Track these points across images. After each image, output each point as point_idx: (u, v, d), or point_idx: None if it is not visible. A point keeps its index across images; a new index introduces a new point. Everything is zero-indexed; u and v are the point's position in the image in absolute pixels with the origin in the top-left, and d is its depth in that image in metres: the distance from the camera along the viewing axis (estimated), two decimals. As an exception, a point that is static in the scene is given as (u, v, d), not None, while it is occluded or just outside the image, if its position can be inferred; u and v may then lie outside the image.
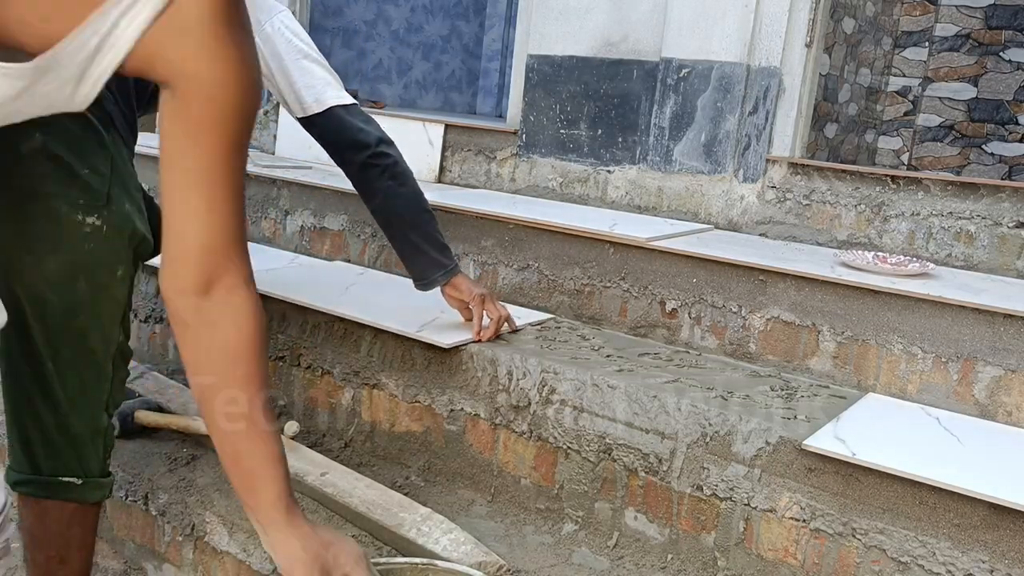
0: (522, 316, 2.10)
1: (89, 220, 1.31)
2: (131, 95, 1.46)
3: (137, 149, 1.54)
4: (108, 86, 1.28)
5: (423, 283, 1.85)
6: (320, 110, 1.73)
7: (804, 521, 1.49)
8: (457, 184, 2.91)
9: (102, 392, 1.43)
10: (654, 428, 1.64)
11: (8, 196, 1.27)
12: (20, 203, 1.27)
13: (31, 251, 1.29)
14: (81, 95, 0.92)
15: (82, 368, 1.37)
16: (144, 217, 1.42)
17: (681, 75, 2.44)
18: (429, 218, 1.84)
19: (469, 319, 1.90)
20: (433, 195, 2.49)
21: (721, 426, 1.58)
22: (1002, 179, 3.75)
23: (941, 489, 1.36)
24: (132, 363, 2.20)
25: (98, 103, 1.26)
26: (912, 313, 1.74)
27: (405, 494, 1.72)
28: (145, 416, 1.97)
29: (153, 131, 3.30)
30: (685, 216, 2.46)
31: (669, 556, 1.63)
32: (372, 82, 4.98)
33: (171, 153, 0.96)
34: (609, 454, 1.69)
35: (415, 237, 1.82)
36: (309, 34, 1.85)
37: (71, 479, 1.39)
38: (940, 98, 4.14)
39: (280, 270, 2.40)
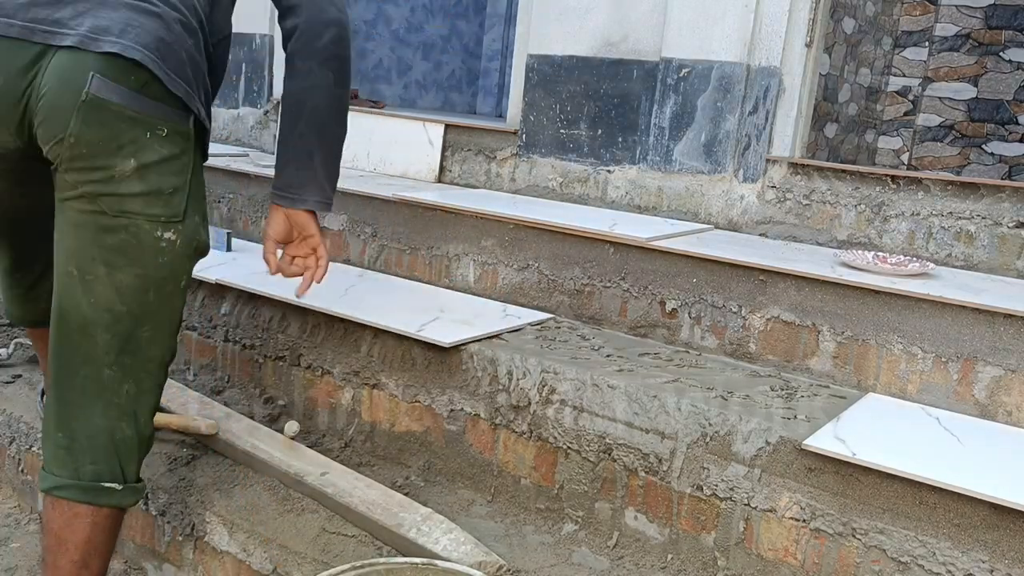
0: (522, 316, 2.10)
1: (166, 235, 1.36)
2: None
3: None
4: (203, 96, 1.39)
5: (287, 198, 1.55)
6: None
7: (804, 521, 1.49)
8: (457, 184, 2.91)
9: (153, 399, 1.46)
10: (654, 428, 1.64)
11: (92, 214, 1.32)
12: (103, 219, 1.32)
13: (107, 264, 1.33)
14: None
15: (141, 376, 1.41)
16: (207, 224, 1.47)
17: (681, 75, 2.44)
18: (342, 133, 1.58)
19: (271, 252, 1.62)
20: (433, 195, 2.50)
21: (721, 426, 1.58)
22: (1002, 179, 3.75)
23: (941, 489, 1.36)
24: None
25: (195, 122, 1.38)
26: (912, 313, 1.74)
27: (405, 494, 1.72)
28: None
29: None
30: (685, 216, 2.46)
31: (669, 556, 1.63)
32: (372, 82, 4.98)
33: None
34: (609, 454, 1.69)
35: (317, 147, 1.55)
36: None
37: (112, 484, 1.40)
38: (940, 98, 4.14)
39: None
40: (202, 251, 1.45)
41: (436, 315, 2.03)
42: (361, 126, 3.07)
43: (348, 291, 2.20)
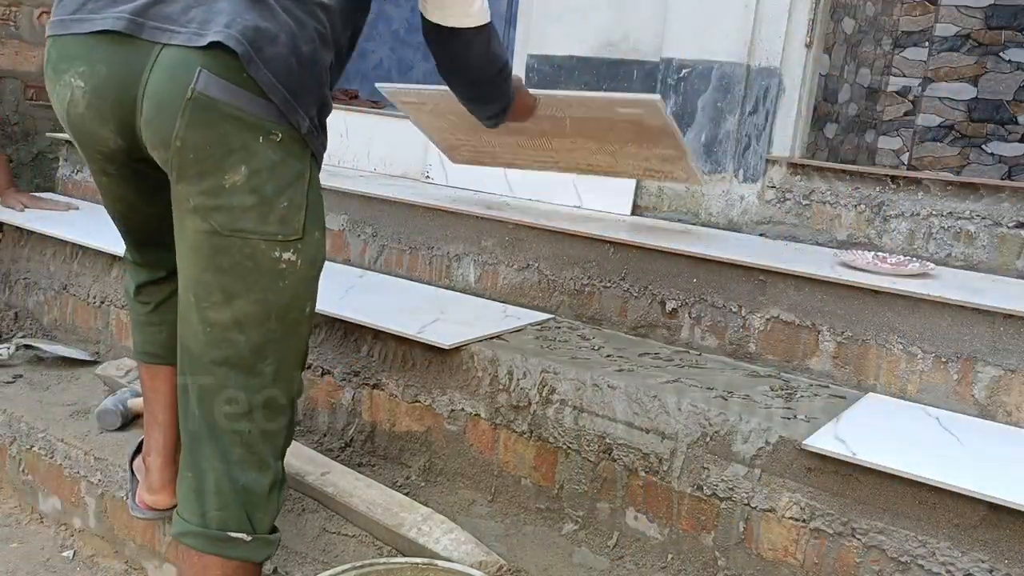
0: (522, 316, 2.11)
1: (285, 256, 1.24)
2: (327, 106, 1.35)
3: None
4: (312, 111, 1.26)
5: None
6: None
7: (804, 521, 1.49)
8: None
9: (282, 439, 1.33)
10: (654, 428, 1.64)
11: (206, 234, 1.22)
12: (215, 239, 1.21)
13: (224, 290, 1.22)
14: None
15: (266, 414, 1.28)
16: (325, 239, 1.35)
17: (681, 75, 2.44)
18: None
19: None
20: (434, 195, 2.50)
21: (721, 426, 1.58)
22: (1002, 179, 3.75)
23: (941, 489, 1.36)
24: (130, 362, 2.21)
25: (305, 128, 1.24)
26: (912, 313, 1.74)
27: (406, 494, 1.72)
28: (138, 404, 1.97)
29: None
30: (685, 216, 2.47)
31: (669, 556, 1.63)
32: (372, 82, 4.98)
33: None
34: (609, 454, 1.69)
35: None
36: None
37: (239, 535, 1.28)
38: (940, 98, 4.15)
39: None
40: (323, 266, 1.34)
41: (436, 316, 2.03)
42: (361, 126, 3.08)
43: (348, 291, 2.20)
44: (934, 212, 2.12)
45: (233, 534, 1.28)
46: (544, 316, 2.13)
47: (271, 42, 1.18)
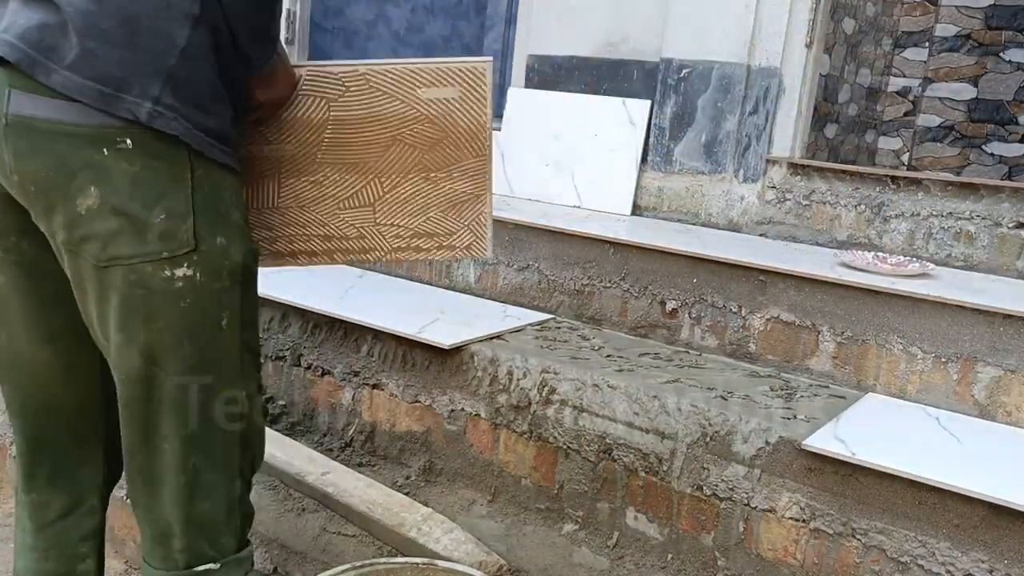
0: (522, 316, 2.11)
1: (179, 272, 1.07)
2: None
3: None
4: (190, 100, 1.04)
5: None
6: None
7: (804, 521, 1.49)
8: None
9: (233, 459, 1.21)
10: (654, 428, 1.64)
11: (81, 271, 1.07)
12: (98, 274, 1.06)
13: (122, 329, 1.08)
14: None
15: (206, 442, 1.17)
16: (245, 237, 1.16)
17: (681, 75, 2.44)
18: None
19: None
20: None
21: (721, 426, 1.58)
22: (1002, 179, 3.75)
23: (941, 489, 1.36)
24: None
25: (165, 124, 1.03)
26: (912, 313, 1.74)
27: (406, 494, 1.72)
28: None
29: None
30: (685, 216, 2.47)
31: (669, 556, 1.63)
32: (372, 82, 4.98)
33: None
34: (609, 454, 1.69)
35: None
36: (309, 34, 1.76)
37: (208, 566, 1.20)
38: (940, 98, 4.15)
39: (281, 271, 2.39)
40: (241, 271, 1.15)
41: (436, 316, 2.03)
42: (361, 126, 3.07)
43: (348, 292, 2.20)
44: (934, 212, 2.12)
45: (199, 568, 1.20)
46: (544, 316, 2.13)
47: (63, 34, 0.98)
